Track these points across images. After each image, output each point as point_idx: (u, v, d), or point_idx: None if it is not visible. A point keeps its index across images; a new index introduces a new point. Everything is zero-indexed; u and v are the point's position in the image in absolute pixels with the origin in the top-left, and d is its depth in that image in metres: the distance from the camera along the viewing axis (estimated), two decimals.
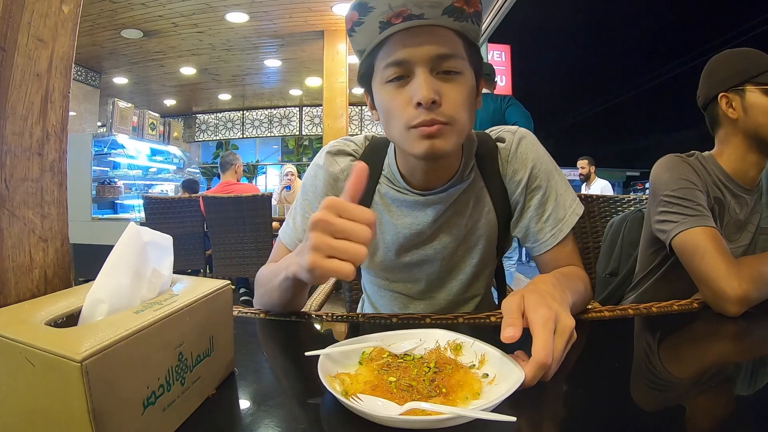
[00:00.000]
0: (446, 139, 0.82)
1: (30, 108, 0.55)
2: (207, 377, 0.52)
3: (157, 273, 0.51)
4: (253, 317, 0.85)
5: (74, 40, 0.61)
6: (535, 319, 0.57)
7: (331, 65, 6.00)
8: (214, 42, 6.61)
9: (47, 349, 0.34)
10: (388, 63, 0.82)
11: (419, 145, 0.82)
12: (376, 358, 0.60)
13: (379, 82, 0.85)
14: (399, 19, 0.78)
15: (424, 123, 0.79)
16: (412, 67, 0.80)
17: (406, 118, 0.81)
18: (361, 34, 0.83)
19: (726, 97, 1.18)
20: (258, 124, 10.71)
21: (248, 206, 3.67)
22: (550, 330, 0.56)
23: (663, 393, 0.61)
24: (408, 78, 0.81)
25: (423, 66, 0.79)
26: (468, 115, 0.84)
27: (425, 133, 0.80)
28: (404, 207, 0.99)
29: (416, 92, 0.78)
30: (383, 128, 0.89)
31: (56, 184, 0.58)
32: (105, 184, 5.85)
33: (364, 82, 0.91)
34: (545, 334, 0.55)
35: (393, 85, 0.82)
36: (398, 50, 0.80)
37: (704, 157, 1.22)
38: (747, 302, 0.88)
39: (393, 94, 0.83)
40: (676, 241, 1.06)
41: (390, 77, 0.82)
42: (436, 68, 0.80)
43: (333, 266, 0.59)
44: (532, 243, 0.99)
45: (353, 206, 0.61)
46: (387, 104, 0.84)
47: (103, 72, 7.58)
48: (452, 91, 0.81)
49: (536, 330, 0.56)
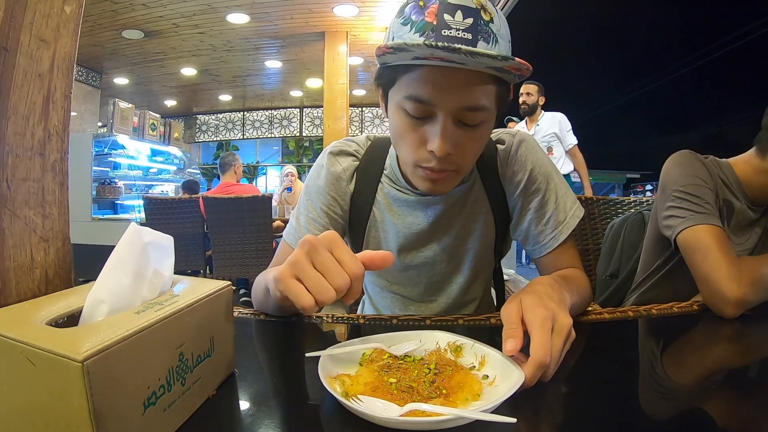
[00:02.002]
0: (449, 184, 0.84)
1: (32, 108, 0.55)
2: (207, 378, 0.52)
3: (158, 273, 0.51)
4: (254, 318, 0.85)
5: (76, 41, 0.61)
6: (532, 320, 0.57)
7: (331, 66, 6.01)
8: (215, 43, 6.62)
9: (48, 349, 0.34)
10: (410, 95, 0.75)
11: (421, 183, 0.84)
12: (377, 360, 0.60)
13: (396, 102, 0.80)
14: (437, 59, 0.70)
15: (432, 169, 0.79)
16: (434, 109, 0.75)
17: (415, 156, 0.80)
18: (390, 57, 0.74)
19: None
20: (258, 125, 10.71)
21: (248, 207, 3.67)
22: (548, 329, 0.56)
23: (662, 395, 0.61)
24: (428, 118, 0.77)
25: (446, 113, 0.74)
26: (477, 156, 0.85)
27: (430, 177, 0.81)
28: (405, 207, 0.99)
29: (432, 140, 0.76)
30: (390, 137, 0.89)
31: (58, 184, 0.58)
32: (105, 185, 5.86)
33: (381, 85, 0.85)
34: (543, 334, 0.55)
35: (410, 118, 0.78)
36: (425, 87, 0.74)
37: (719, 162, 1.21)
38: (744, 305, 0.88)
39: (408, 126, 0.79)
40: (681, 238, 1.05)
41: (409, 111, 0.77)
42: (460, 117, 0.76)
43: (295, 290, 0.54)
44: (533, 246, 0.99)
45: (348, 251, 0.57)
46: (400, 132, 0.81)
47: (104, 72, 7.59)
48: (470, 142, 0.79)
49: (534, 330, 0.56)
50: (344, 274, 0.54)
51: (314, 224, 0.98)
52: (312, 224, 0.98)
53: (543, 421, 0.53)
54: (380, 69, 0.82)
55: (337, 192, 1.00)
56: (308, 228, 0.98)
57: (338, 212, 1.00)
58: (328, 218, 0.99)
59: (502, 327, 0.61)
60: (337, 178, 1.00)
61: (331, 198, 1.00)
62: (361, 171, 1.02)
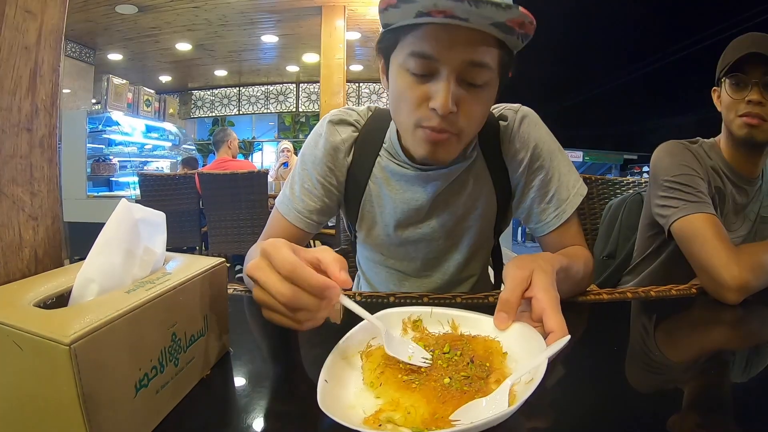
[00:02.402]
0: (449, 149, 0.81)
1: (18, 82, 0.53)
2: (201, 357, 0.52)
3: (149, 251, 0.50)
4: (249, 295, 0.85)
5: (64, 12, 0.59)
6: (548, 301, 0.56)
7: (328, 41, 5.91)
8: (210, 17, 6.49)
9: (35, 332, 0.33)
10: (413, 52, 0.75)
11: (421, 147, 0.81)
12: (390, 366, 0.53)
13: (399, 63, 0.79)
14: (440, 15, 0.69)
15: (433, 129, 0.77)
16: (437, 66, 0.74)
17: (417, 116, 0.78)
18: (393, 15, 0.75)
19: (716, 90, 1.20)
20: (254, 101, 10.60)
21: (244, 183, 3.65)
22: (560, 310, 0.56)
23: (661, 377, 0.61)
24: (430, 76, 0.76)
25: (449, 70, 0.74)
26: (480, 124, 0.83)
27: (431, 138, 0.78)
28: (403, 181, 0.97)
29: (435, 97, 0.74)
30: (390, 106, 0.87)
31: (46, 161, 0.57)
32: (100, 162, 5.83)
33: (382, 51, 0.85)
34: (560, 316, 0.55)
35: (412, 77, 0.77)
36: (428, 42, 0.73)
37: (707, 144, 1.22)
38: (746, 290, 0.88)
39: (410, 84, 0.77)
40: (675, 227, 1.05)
41: (412, 69, 0.76)
42: (463, 75, 0.75)
43: (274, 319, 0.54)
44: (535, 224, 0.98)
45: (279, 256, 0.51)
46: (401, 92, 0.79)
47: (97, 48, 7.44)
48: (473, 104, 0.77)
49: (551, 311, 0.55)
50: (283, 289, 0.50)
51: (309, 195, 0.97)
52: (307, 195, 0.97)
53: (541, 403, 0.52)
54: (382, 33, 0.82)
55: (335, 163, 0.98)
56: (303, 198, 0.97)
57: (334, 183, 0.99)
58: (324, 189, 0.97)
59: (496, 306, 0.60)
60: (335, 148, 0.98)
61: (327, 169, 0.98)
62: (360, 143, 0.99)
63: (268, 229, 1.01)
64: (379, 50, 0.85)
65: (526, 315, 0.59)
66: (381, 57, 0.86)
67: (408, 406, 0.46)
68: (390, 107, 0.87)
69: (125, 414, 0.38)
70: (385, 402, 0.48)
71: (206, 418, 0.47)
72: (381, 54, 0.86)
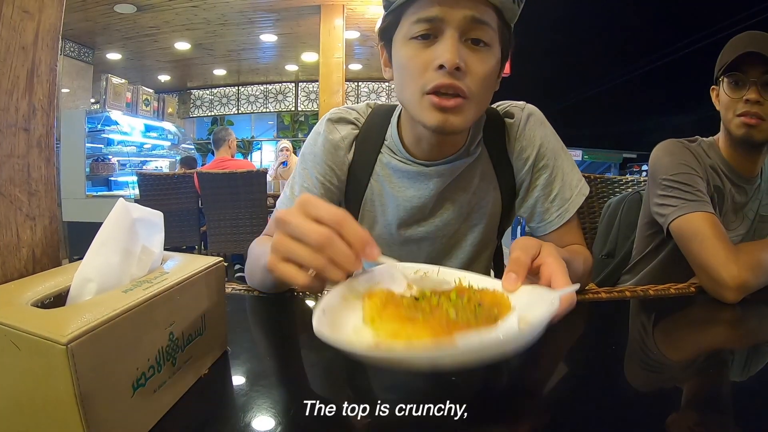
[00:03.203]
0: (461, 116, 0.79)
1: (15, 82, 0.53)
2: (199, 357, 0.52)
3: (146, 250, 0.50)
4: (247, 294, 0.85)
5: (61, 12, 0.59)
6: (555, 265, 0.55)
7: (327, 40, 5.91)
8: (209, 16, 6.48)
9: (32, 332, 0.33)
10: (417, 19, 0.76)
11: (432, 116, 0.78)
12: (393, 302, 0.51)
13: (402, 37, 0.80)
14: None
15: (441, 86, 0.75)
16: (442, 26, 0.75)
17: (423, 80, 0.77)
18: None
19: (715, 89, 1.20)
20: (253, 100, 10.59)
21: (243, 182, 3.65)
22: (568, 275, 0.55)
23: (659, 375, 0.61)
24: (435, 38, 0.77)
25: (453, 27, 0.75)
26: (488, 92, 0.82)
27: (441, 105, 0.76)
28: (406, 178, 0.96)
29: (442, 54, 0.74)
30: (395, 89, 0.86)
31: (44, 160, 0.56)
32: (99, 161, 5.82)
33: (384, 36, 0.86)
34: (567, 278, 0.54)
35: (417, 43, 0.78)
36: (431, 6, 0.75)
37: (706, 143, 1.21)
38: (746, 289, 0.88)
39: (415, 51, 0.78)
40: (674, 226, 1.05)
41: (416, 33, 0.77)
42: (467, 33, 0.76)
43: (285, 271, 0.51)
44: (538, 223, 0.97)
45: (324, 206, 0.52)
46: (406, 62, 0.80)
47: (96, 48, 7.43)
48: (478, 62, 0.77)
49: (559, 274, 0.54)
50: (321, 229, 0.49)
51: (309, 194, 0.96)
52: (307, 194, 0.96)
53: (538, 400, 0.52)
54: (383, 17, 0.84)
55: (335, 161, 0.97)
56: None
57: (335, 182, 0.98)
58: (324, 188, 0.97)
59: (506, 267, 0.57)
60: (335, 146, 0.97)
61: (327, 167, 0.97)
62: (360, 140, 0.98)
63: (270, 230, 1.01)
64: (381, 35, 0.86)
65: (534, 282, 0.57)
66: (383, 45, 0.87)
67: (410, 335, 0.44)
68: (396, 89, 0.86)
69: (123, 413, 0.38)
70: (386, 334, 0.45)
71: (204, 418, 0.47)
72: (383, 39, 0.86)
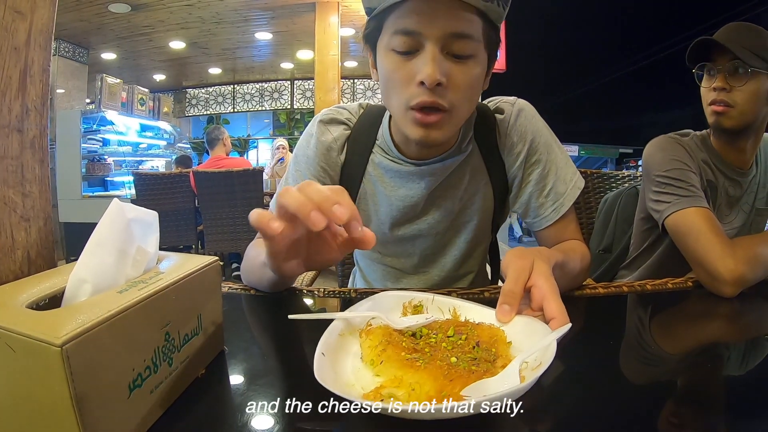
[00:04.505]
0: (442, 130, 0.80)
1: (8, 83, 0.52)
2: (195, 357, 0.51)
3: (142, 250, 0.50)
4: (244, 293, 0.85)
5: (54, 12, 0.59)
6: (548, 289, 0.56)
7: (322, 38, 5.90)
8: (204, 15, 6.46)
9: (27, 334, 0.33)
10: (397, 30, 0.75)
11: (414, 130, 0.79)
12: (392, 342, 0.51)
13: (384, 46, 0.79)
14: None
15: (424, 104, 0.76)
16: (421, 40, 0.74)
17: (406, 95, 0.77)
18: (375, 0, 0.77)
19: None
20: (249, 98, 10.57)
21: (239, 181, 3.65)
22: (560, 297, 0.56)
23: (657, 370, 0.61)
24: (416, 52, 0.76)
25: (434, 42, 0.73)
26: (473, 99, 0.82)
27: (423, 121, 0.77)
28: (398, 178, 0.96)
29: (422, 69, 0.74)
30: (381, 95, 0.86)
31: (38, 161, 0.56)
32: (95, 162, 5.80)
33: (368, 41, 0.85)
34: (561, 303, 0.55)
35: (398, 56, 0.77)
36: (410, 18, 0.74)
37: (699, 137, 1.21)
38: (743, 283, 0.88)
39: (397, 64, 0.78)
40: (669, 222, 1.05)
41: (396, 47, 0.77)
42: (448, 47, 0.75)
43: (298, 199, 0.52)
44: (533, 218, 0.97)
45: (322, 186, 0.54)
46: (389, 74, 0.79)
47: (90, 48, 7.39)
48: (460, 75, 0.76)
49: (552, 300, 0.55)
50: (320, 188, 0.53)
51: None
52: None
53: (536, 396, 0.52)
54: (367, 21, 0.83)
55: (328, 162, 0.97)
56: None
57: (328, 183, 0.97)
58: None
59: (499, 298, 0.59)
60: (327, 148, 0.97)
61: (321, 169, 0.97)
62: (352, 140, 0.99)
63: None
64: (366, 40, 0.85)
65: (525, 307, 0.58)
66: (368, 49, 0.86)
67: (412, 383, 0.43)
68: (382, 96, 0.86)
69: (119, 414, 0.38)
70: (387, 379, 0.45)
71: (201, 418, 0.47)
72: (368, 44, 0.86)
